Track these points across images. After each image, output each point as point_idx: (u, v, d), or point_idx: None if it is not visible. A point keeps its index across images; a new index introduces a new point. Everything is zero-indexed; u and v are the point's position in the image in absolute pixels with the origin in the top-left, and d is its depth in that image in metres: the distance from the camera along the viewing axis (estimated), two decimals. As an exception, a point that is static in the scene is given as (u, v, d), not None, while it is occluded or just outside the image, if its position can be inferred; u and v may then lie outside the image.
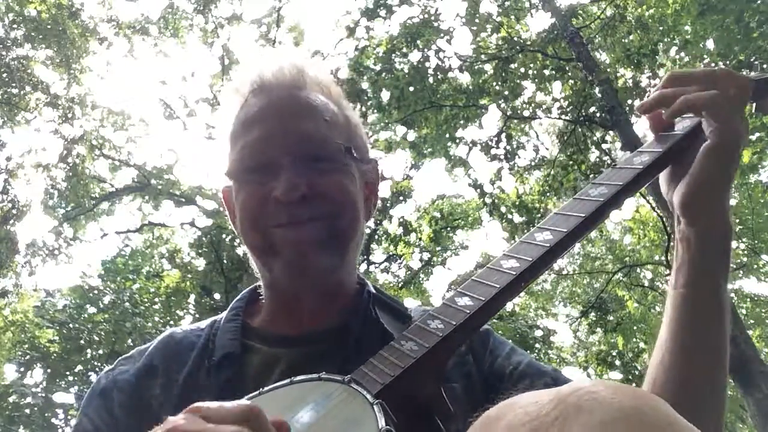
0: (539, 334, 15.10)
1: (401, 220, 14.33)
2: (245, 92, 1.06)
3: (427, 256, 15.62)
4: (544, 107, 12.03)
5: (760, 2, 9.24)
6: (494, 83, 11.75)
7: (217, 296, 13.92)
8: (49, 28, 13.04)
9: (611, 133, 11.31)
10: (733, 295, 13.30)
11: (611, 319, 14.75)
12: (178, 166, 16.40)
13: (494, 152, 12.08)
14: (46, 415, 12.80)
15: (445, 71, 11.82)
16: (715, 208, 0.91)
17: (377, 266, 15.01)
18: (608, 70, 11.22)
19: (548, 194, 12.07)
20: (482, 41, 12.09)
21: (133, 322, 13.31)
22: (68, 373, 13.78)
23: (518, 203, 12.38)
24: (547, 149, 12.41)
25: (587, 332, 16.11)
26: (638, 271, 14.97)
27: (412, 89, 11.31)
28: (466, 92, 11.92)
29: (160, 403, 0.99)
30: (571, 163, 11.53)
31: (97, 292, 14.25)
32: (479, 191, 12.69)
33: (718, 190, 0.90)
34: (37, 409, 12.68)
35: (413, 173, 13.77)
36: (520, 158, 12.26)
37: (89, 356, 13.77)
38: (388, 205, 13.50)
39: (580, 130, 11.46)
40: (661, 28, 11.20)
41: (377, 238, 14.29)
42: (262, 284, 1.11)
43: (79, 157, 13.88)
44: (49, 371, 13.61)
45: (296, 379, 0.83)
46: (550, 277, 15.56)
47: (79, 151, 13.89)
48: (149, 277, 15.20)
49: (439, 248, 15.45)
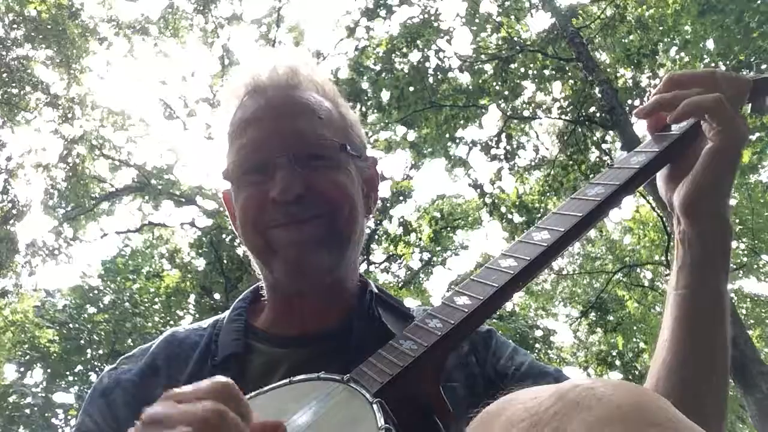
0: (539, 334, 15.11)
1: (401, 220, 14.33)
2: (240, 94, 1.07)
3: (427, 256, 15.63)
4: (544, 107, 12.03)
5: (760, 2, 9.23)
6: (494, 83, 11.74)
7: (217, 296, 13.91)
8: (49, 28, 13.04)
9: (611, 133, 11.31)
10: (733, 295, 13.29)
11: (611, 319, 14.75)
12: (178, 166, 16.48)
13: (494, 152, 12.08)
14: (46, 415, 12.79)
15: (445, 71, 11.81)
16: (716, 209, 0.91)
17: (377, 266, 15.01)
18: (608, 70, 11.22)
19: (548, 194, 12.06)
20: (482, 41, 12.09)
21: (133, 322, 13.32)
22: (68, 373, 13.78)
23: (518, 203, 12.38)
24: (547, 149, 12.42)
25: (587, 332, 16.11)
26: (638, 271, 14.96)
27: (412, 89, 11.31)
28: (466, 92, 11.91)
29: None
30: (571, 163, 11.53)
31: (97, 292, 14.25)
32: (479, 191, 12.69)
33: (719, 191, 0.90)
34: (37, 409, 12.68)
35: (413, 173, 13.79)
36: (520, 158, 12.27)
37: (89, 356, 13.78)
38: (388, 205, 13.50)
39: (580, 130, 11.46)
40: (661, 28, 11.19)
41: (377, 238, 14.29)
42: (264, 285, 1.11)
43: (79, 157, 13.88)
44: (49, 371, 13.61)
45: (295, 378, 0.83)
46: (550, 277, 15.55)
47: (79, 151, 13.89)
48: (149, 277, 15.20)
49: (439, 248, 15.45)
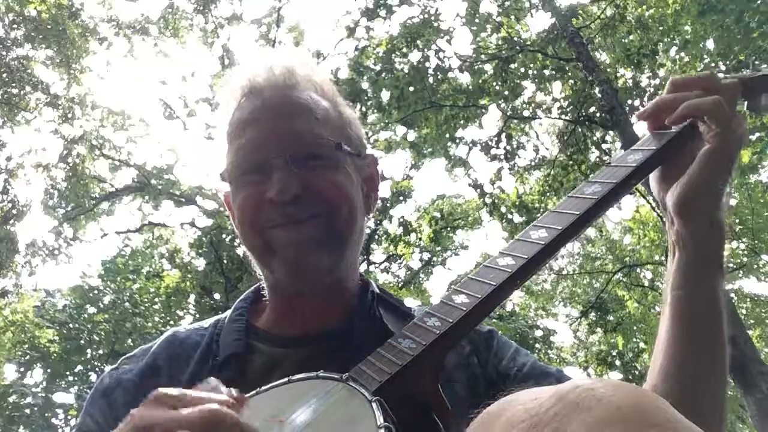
0: (539, 334, 15.11)
1: (401, 220, 14.33)
2: (238, 95, 1.07)
3: (427, 256, 15.63)
4: (544, 107, 12.03)
5: (760, 2, 9.23)
6: (494, 83, 11.74)
7: (217, 296, 13.91)
8: (49, 28, 13.04)
9: (611, 133, 11.30)
10: (733, 295, 13.29)
11: (611, 319, 14.75)
12: (178, 166, 16.48)
13: (494, 152, 12.08)
14: (46, 415, 12.80)
15: (445, 71, 11.81)
16: (710, 209, 0.91)
17: (377, 266, 15.01)
18: (608, 70, 11.21)
19: (548, 194, 12.06)
20: (482, 41, 12.09)
21: (133, 322, 13.32)
22: (68, 373, 13.78)
23: (518, 203, 12.38)
24: (547, 149, 12.41)
25: (587, 332, 16.10)
26: (638, 271, 14.96)
27: (412, 89, 11.31)
28: (466, 92, 11.91)
29: None
30: (571, 163, 11.53)
31: (97, 292, 14.25)
32: (479, 191, 12.69)
33: (714, 192, 0.91)
34: (37, 409, 12.68)
35: (413, 173, 13.79)
36: (520, 158, 12.27)
37: (89, 356, 13.78)
38: (388, 205, 13.50)
39: (580, 130, 11.46)
40: (661, 28, 11.19)
41: (377, 238, 14.29)
42: (265, 285, 1.11)
43: (79, 157, 13.88)
44: (49, 371, 13.61)
45: (294, 377, 0.82)
46: (550, 277, 15.55)
47: (79, 151, 13.90)
48: (149, 277, 15.20)
49: (439, 248, 15.45)
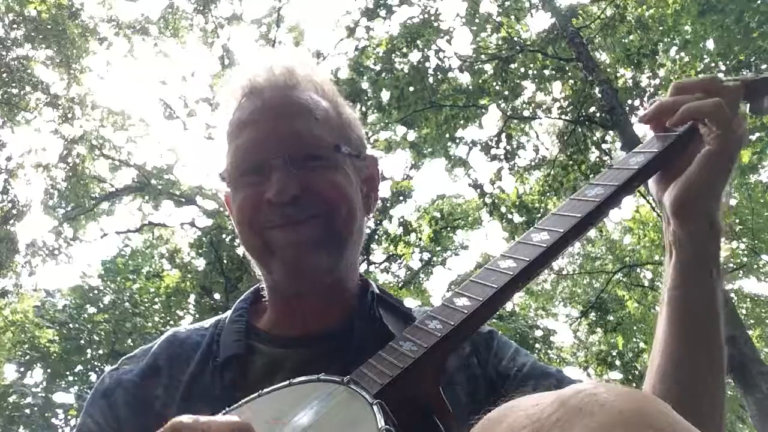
0: (539, 334, 15.11)
1: (401, 220, 14.33)
2: (238, 95, 1.07)
3: (427, 256, 15.63)
4: (544, 107, 12.03)
5: (760, 2, 9.23)
6: (494, 83, 11.74)
7: (217, 296, 13.92)
8: (49, 28, 13.04)
9: (611, 133, 11.30)
10: (733, 295, 13.28)
11: (611, 319, 14.75)
12: (178, 166, 16.46)
13: (494, 152, 12.08)
14: (46, 415, 12.79)
15: (445, 71, 11.81)
16: (707, 210, 0.91)
17: (377, 266, 15.01)
18: (608, 70, 11.21)
19: (548, 194, 12.06)
20: (482, 41, 12.09)
21: (133, 322, 13.32)
22: (68, 373, 13.78)
23: (518, 203, 12.38)
24: (547, 149, 12.41)
25: (587, 332, 16.10)
26: (638, 271, 14.96)
27: (412, 89, 11.31)
28: (466, 92, 11.91)
29: (163, 403, 0.99)
30: (571, 163, 11.53)
31: (97, 292, 14.25)
32: (479, 191, 12.69)
33: (712, 193, 0.91)
34: (37, 409, 12.68)
35: (413, 173, 13.79)
36: (520, 158, 12.28)
37: (89, 356, 13.78)
38: (388, 205, 13.50)
39: (580, 130, 11.46)
40: (661, 28, 11.19)
41: (377, 238, 14.29)
42: (264, 285, 1.10)
43: (79, 157, 13.88)
44: (49, 371, 13.61)
45: (295, 380, 0.83)
46: (550, 277, 15.55)
47: (79, 151, 13.90)
48: (149, 277, 15.20)
49: (439, 248, 15.45)
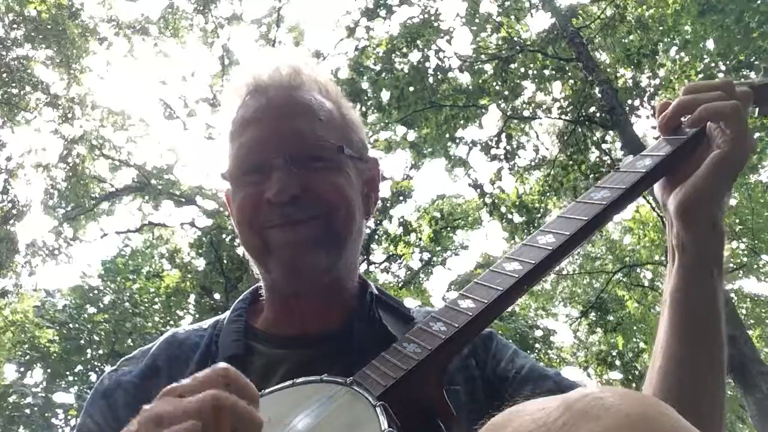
0: (539, 334, 15.12)
1: (401, 220, 14.33)
2: (243, 93, 1.06)
3: (427, 256, 15.63)
4: (544, 107, 12.02)
5: (760, 2, 9.23)
6: (494, 83, 11.74)
7: (217, 296, 13.92)
8: (49, 28, 13.04)
9: (611, 133, 11.30)
10: (733, 295, 13.28)
11: (611, 319, 14.75)
12: (178, 166, 16.47)
13: (494, 152, 12.08)
14: (46, 415, 12.80)
15: (445, 71, 11.81)
16: (711, 215, 0.91)
17: (377, 266, 15.01)
18: (608, 70, 11.21)
19: (548, 194, 12.06)
20: (482, 41, 12.08)
21: (133, 322, 13.32)
22: (68, 373, 13.78)
23: (518, 203, 12.37)
24: (547, 149, 12.41)
25: (587, 332, 16.10)
26: (638, 271, 14.96)
27: (412, 89, 11.31)
28: (466, 92, 11.91)
29: None
30: (571, 163, 11.52)
31: (97, 292, 14.25)
32: (479, 191, 12.69)
33: (717, 198, 0.91)
34: (37, 409, 12.68)
35: (413, 173, 13.79)
36: (520, 158, 12.27)
37: (89, 356, 13.78)
38: (388, 205, 13.50)
39: (580, 130, 11.45)
40: (661, 28, 11.19)
41: (377, 238, 14.29)
42: (263, 285, 1.10)
43: (79, 157, 13.88)
44: (49, 371, 13.61)
45: (298, 380, 0.82)
46: (550, 277, 15.54)
47: (79, 151, 13.89)
48: (149, 277, 15.20)
49: (439, 248, 15.45)
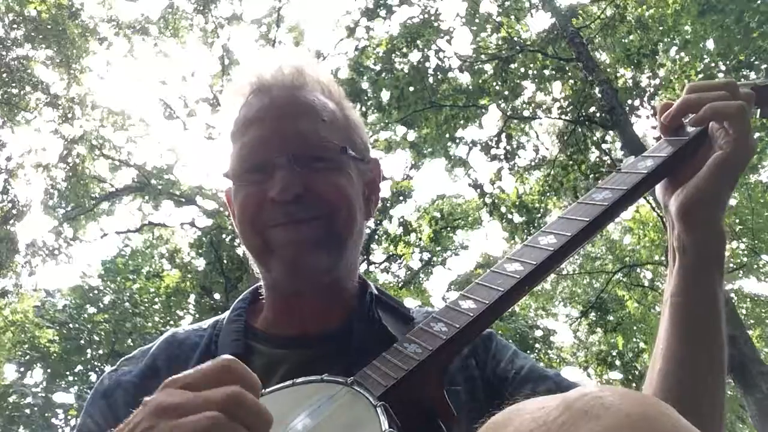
0: (539, 334, 15.12)
1: (401, 220, 14.34)
2: (246, 93, 1.06)
3: (427, 256, 15.63)
4: (544, 107, 12.03)
5: (760, 2, 9.23)
6: (494, 83, 11.74)
7: (217, 296, 13.92)
8: (49, 28, 13.04)
9: (611, 133, 11.30)
10: (733, 295, 13.28)
11: (611, 319, 14.75)
12: (178, 166, 16.48)
13: (494, 152, 12.08)
14: (46, 415, 12.80)
15: (445, 71, 11.81)
16: (712, 217, 0.91)
17: (377, 266, 15.01)
18: (608, 70, 11.21)
19: (548, 194, 12.06)
20: (482, 41, 12.09)
21: (133, 322, 13.32)
22: (68, 373, 13.78)
23: (518, 203, 12.38)
24: (547, 149, 12.41)
25: (587, 332, 16.11)
26: (638, 271, 14.96)
27: (412, 89, 11.31)
28: (466, 92, 11.91)
29: None
30: (571, 163, 11.53)
31: (97, 292, 14.26)
32: (479, 191, 12.69)
33: (719, 200, 0.90)
34: (37, 409, 12.68)
35: (413, 173, 13.80)
36: (520, 158, 12.27)
37: (89, 356, 13.78)
38: (388, 205, 13.50)
39: (580, 130, 11.45)
40: (661, 28, 11.19)
41: (377, 238, 14.29)
42: (263, 285, 1.10)
43: (79, 157, 13.88)
44: (49, 371, 13.61)
45: (298, 380, 0.82)
46: (550, 277, 15.53)
47: (79, 151, 13.90)
48: (149, 277, 15.21)
49: (439, 248, 15.45)
